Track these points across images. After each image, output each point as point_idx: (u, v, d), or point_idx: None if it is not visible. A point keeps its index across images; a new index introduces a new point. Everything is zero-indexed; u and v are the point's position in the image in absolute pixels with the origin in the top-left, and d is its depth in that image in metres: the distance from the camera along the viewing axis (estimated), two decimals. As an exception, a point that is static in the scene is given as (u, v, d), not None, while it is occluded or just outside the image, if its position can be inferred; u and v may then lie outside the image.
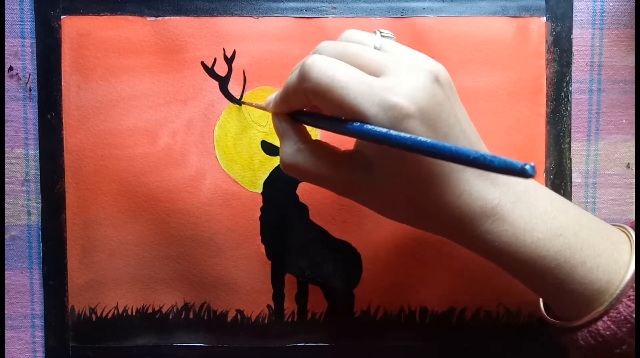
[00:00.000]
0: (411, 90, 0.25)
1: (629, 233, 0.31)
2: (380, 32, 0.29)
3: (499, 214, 0.28)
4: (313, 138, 0.30)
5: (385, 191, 0.28)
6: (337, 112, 0.26)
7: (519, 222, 0.28)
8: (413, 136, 0.23)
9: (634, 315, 0.28)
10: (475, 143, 0.28)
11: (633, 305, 0.28)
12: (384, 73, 0.26)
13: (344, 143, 0.30)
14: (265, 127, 0.39)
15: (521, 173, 0.20)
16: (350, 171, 0.28)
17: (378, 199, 0.29)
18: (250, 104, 0.38)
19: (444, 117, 0.26)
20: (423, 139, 0.23)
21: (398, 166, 0.27)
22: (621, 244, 0.30)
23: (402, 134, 0.24)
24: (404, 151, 0.24)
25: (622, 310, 0.28)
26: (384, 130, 0.24)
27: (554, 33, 0.39)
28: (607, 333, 0.29)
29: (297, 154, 0.29)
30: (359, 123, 0.25)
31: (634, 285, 0.28)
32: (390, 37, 0.29)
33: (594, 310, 0.29)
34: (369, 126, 0.25)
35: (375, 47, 0.28)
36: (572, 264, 0.29)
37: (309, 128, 0.31)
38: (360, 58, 0.26)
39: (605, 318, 0.29)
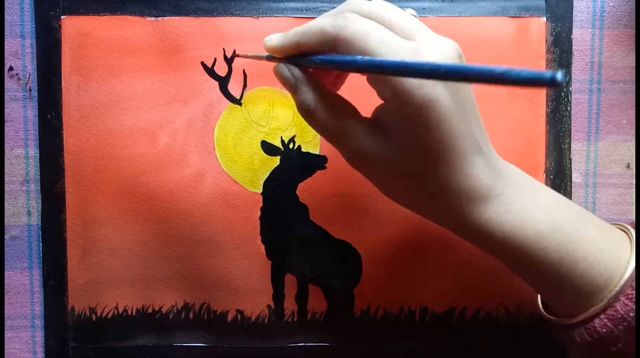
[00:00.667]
0: (440, 55, 0.26)
1: (629, 231, 0.31)
2: (408, 10, 0.30)
3: (503, 203, 0.28)
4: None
5: (397, 162, 0.27)
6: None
7: (522, 212, 0.28)
8: (430, 63, 0.23)
9: (631, 314, 0.28)
10: (484, 133, 0.29)
11: (631, 304, 0.28)
12: (415, 39, 0.26)
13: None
14: (265, 128, 0.39)
15: (551, 82, 0.18)
16: (367, 135, 0.28)
17: (387, 171, 0.28)
18: (246, 56, 0.36)
19: (465, 96, 0.27)
20: (442, 63, 0.22)
21: (417, 136, 0.26)
22: (622, 242, 0.30)
23: (419, 61, 0.24)
24: (434, 79, 0.24)
25: (619, 308, 0.28)
26: (396, 61, 0.24)
27: (554, 33, 0.39)
28: (604, 330, 0.29)
29: (317, 103, 0.28)
30: (369, 58, 0.25)
31: (633, 283, 0.28)
32: (415, 15, 0.30)
33: (592, 307, 0.29)
34: (380, 59, 0.25)
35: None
36: (574, 258, 0.29)
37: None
38: (392, 20, 0.27)
39: (602, 316, 0.29)
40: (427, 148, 0.26)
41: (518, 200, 0.28)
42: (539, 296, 0.34)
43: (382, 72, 0.25)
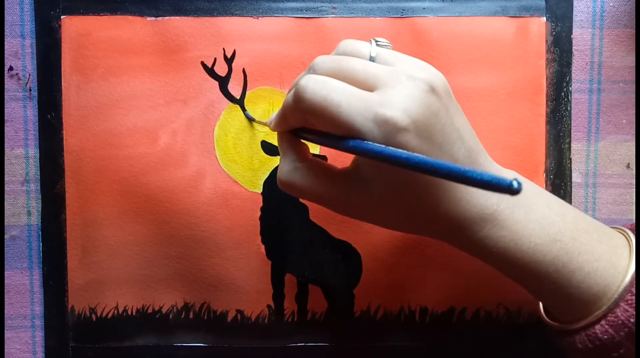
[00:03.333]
0: (405, 103, 0.25)
1: (629, 236, 0.31)
2: (377, 41, 0.29)
3: (497, 220, 0.28)
4: (312, 151, 0.31)
5: (383, 204, 0.28)
6: (334, 130, 0.26)
7: (517, 228, 0.28)
8: (406, 153, 0.23)
9: (632, 320, 0.28)
10: (474, 148, 0.28)
11: (631, 310, 0.28)
12: (378, 87, 0.26)
13: (346, 159, 0.30)
14: (265, 128, 0.39)
15: (508, 189, 0.20)
16: (346, 188, 0.28)
17: (376, 213, 0.29)
18: (259, 122, 0.38)
19: (440, 128, 0.26)
20: (414, 155, 0.23)
21: (395, 179, 0.27)
22: (620, 248, 0.30)
23: (396, 150, 0.24)
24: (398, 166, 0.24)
25: (619, 314, 0.28)
26: (378, 146, 0.24)
27: (554, 33, 0.39)
28: (605, 337, 0.29)
29: (294, 172, 0.29)
30: (355, 140, 0.25)
31: (633, 289, 0.28)
32: (386, 45, 0.29)
33: (592, 313, 0.29)
34: (365, 143, 0.25)
35: (371, 57, 0.28)
36: (570, 269, 0.29)
37: (311, 144, 0.31)
38: (355, 73, 0.27)
39: (603, 322, 0.29)
40: (408, 188, 0.27)
41: (512, 216, 0.28)
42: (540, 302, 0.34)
43: (358, 154, 0.26)
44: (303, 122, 0.29)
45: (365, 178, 0.28)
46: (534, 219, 0.29)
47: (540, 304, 0.34)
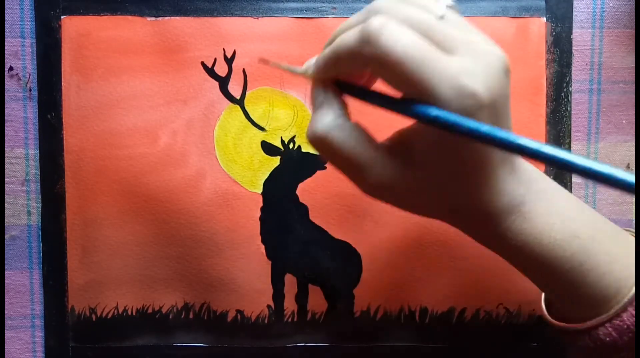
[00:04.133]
0: (489, 78, 0.23)
1: None
2: (445, 1, 0.26)
3: (521, 212, 0.27)
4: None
5: (421, 190, 0.26)
6: (402, 88, 0.23)
7: (539, 221, 0.28)
8: (522, 138, 0.22)
9: None
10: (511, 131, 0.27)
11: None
12: (457, 52, 0.23)
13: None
14: (265, 128, 0.39)
15: (629, 187, 0.20)
16: (386, 165, 0.25)
17: (409, 198, 0.27)
18: (281, 66, 0.29)
19: (507, 112, 0.25)
20: (535, 143, 0.22)
21: (446, 159, 0.25)
22: (634, 251, 0.29)
23: (502, 131, 0.22)
24: (484, 143, 0.22)
25: (625, 319, 0.28)
26: (470, 121, 0.22)
27: (554, 33, 0.39)
28: (607, 339, 0.28)
29: (336, 127, 0.25)
30: (431, 107, 0.23)
31: None
32: (452, 7, 0.26)
33: (599, 315, 0.29)
34: (446, 113, 0.22)
35: (439, 17, 0.24)
36: (586, 268, 0.28)
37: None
38: (432, 30, 0.23)
39: (607, 325, 0.28)
40: (455, 170, 0.25)
41: (535, 208, 0.28)
42: (542, 298, 0.34)
43: (450, 130, 0.23)
44: (356, 71, 0.25)
45: (414, 155, 0.25)
46: (555, 214, 0.28)
47: (543, 302, 0.34)
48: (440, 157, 0.25)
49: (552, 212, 0.28)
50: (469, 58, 0.23)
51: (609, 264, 0.28)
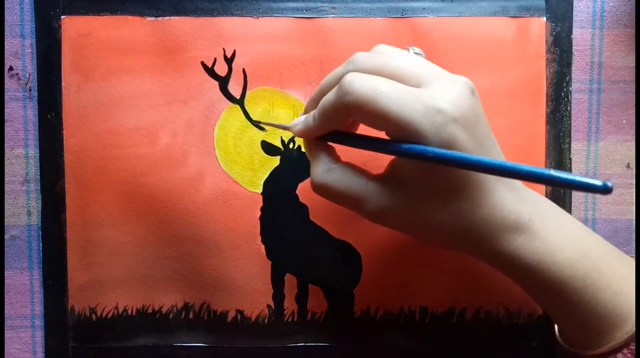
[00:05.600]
0: (453, 97, 0.26)
1: None
2: (413, 50, 0.30)
3: (531, 230, 0.28)
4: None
5: (420, 209, 0.28)
6: (380, 124, 0.26)
7: (551, 239, 0.28)
8: (475, 156, 0.24)
9: None
10: (501, 154, 0.29)
11: None
12: (423, 84, 0.26)
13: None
14: (265, 128, 0.39)
15: (603, 189, 0.21)
16: (383, 190, 0.28)
17: (412, 219, 0.28)
18: (271, 125, 0.37)
19: (480, 128, 0.27)
20: (487, 159, 0.24)
21: (436, 181, 0.27)
22: None
23: (459, 153, 0.25)
24: (458, 168, 0.25)
25: None
26: (437, 149, 0.25)
27: (554, 33, 0.39)
28: None
29: (328, 174, 0.29)
30: (407, 144, 0.26)
31: None
32: (420, 54, 0.30)
33: (614, 340, 0.28)
34: (420, 146, 0.25)
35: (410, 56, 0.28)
36: (599, 287, 0.28)
37: None
38: (399, 70, 0.27)
39: (625, 351, 0.28)
40: (448, 191, 0.27)
41: (546, 227, 0.28)
42: (555, 325, 0.34)
43: (411, 156, 0.26)
44: (342, 123, 0.29)
45: (404, 181, 0.28)
46: (565, 233, 0.29)
47: (556, 327, 0.34)
48: (425, 181, 0.27)
49: (562, 231, 0.29)
50: (435, 87, 0.26)
51: (620, 282, 0.28)
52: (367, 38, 0.39)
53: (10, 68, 0.39)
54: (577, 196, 0.40)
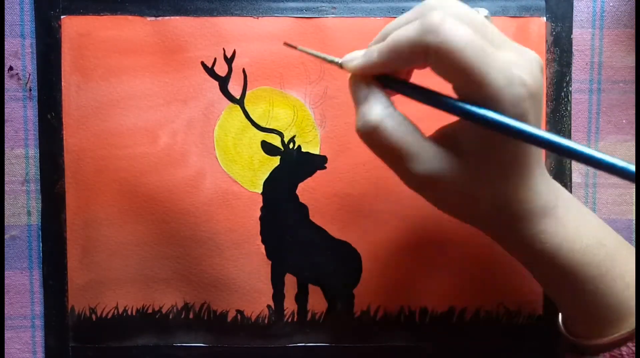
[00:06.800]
0: (533, 71, 0.24)
1: None
2: (481, 11, 0.27)
3: (556, 215, 0.28)
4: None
5: (466, 182, 0.26)
6: (457, 77, 0.24)
7: (572, 226, 0.28)
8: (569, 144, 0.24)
9: None
10: None
11: None
12: (503, 48, 0.25)
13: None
14: (264, 128, 0.39)
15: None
16: (438, 154, 0.26)
17: (454, 191, 0.26)
18: (314, 54, 0.29)
19: (542, 106, 0.26)
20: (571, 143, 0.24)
21: (494, 153, 0.25)
22: None
23: (544, 132, 0.24)
24: (531, 145, 0.24)
25: None
26: (522, 124, 0.24)
27: (554, 33, 0.39)
28: (627, 357, 0.28)
29: (387, 117, 0.25)
30: (490, 111, 0.24)
31: None
32: (488, 16, 0.27)
33: (621, 330, 0.28)
34: (501, 115, 0.24)
35: (485, 17, 0.26)
36: (612, 276, 0.28)
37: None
38: (483, 26, 0.24)
39: (630, 344, 0.28)
40: (501, 164, 0.26)
41: (568, 214, 0.28)
42: (559, 314, 0.34)
43: (494, 129, 0.24)
44: (413, 62, 0.25)
45: (463, 148, 0.26)
46: (585, 221, 0.29)
47: (560, 317, 0.34)
48: (486, 152, 0.25)
49: (582, 219, 0.29)
50: (515, 53, 0.25)
51: (632, 274, 0.29)
52: (367, 38, 0.38)
53: (10, 68, 0.39)
54: (577, 196, 0.40)
